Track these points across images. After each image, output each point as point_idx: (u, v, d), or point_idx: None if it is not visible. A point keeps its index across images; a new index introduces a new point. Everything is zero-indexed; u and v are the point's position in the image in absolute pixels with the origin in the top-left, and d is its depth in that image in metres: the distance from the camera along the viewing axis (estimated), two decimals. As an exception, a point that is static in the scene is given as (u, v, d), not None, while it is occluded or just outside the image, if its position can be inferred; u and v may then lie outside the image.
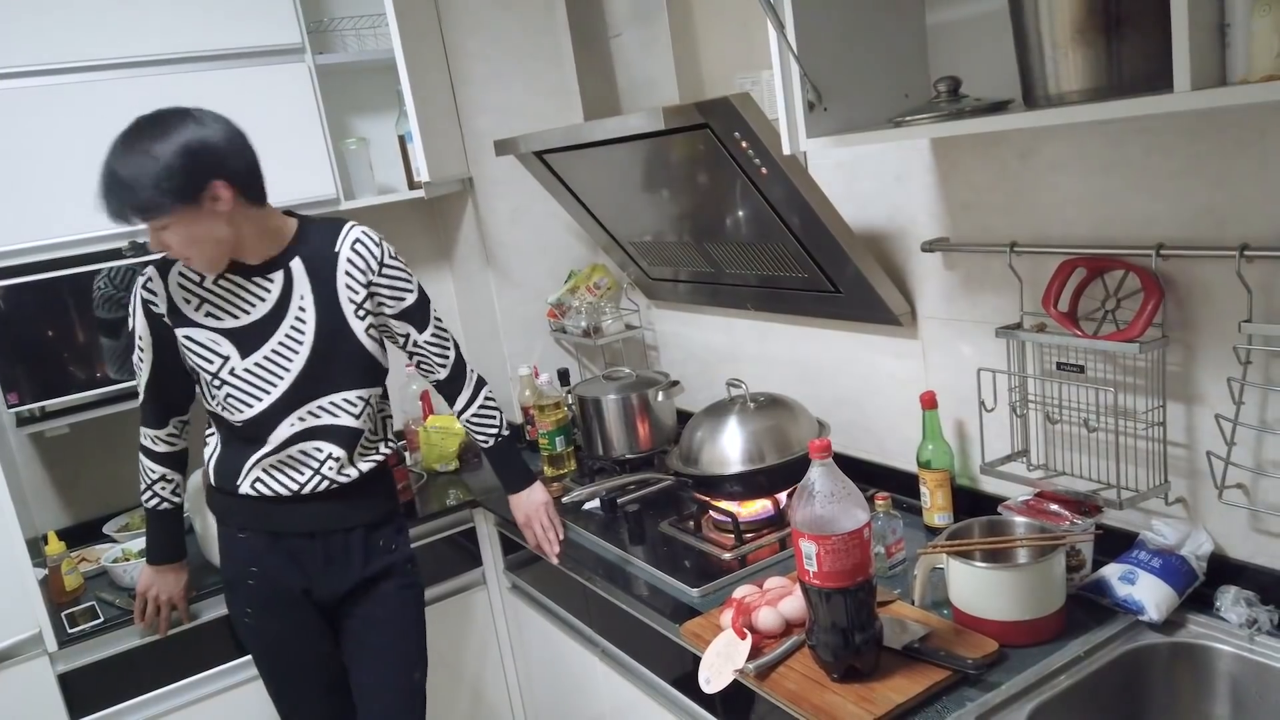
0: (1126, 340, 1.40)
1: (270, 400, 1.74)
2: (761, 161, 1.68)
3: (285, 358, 1.74)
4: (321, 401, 1.77)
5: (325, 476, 1.80)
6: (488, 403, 1.98)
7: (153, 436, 1.88)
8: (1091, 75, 1.19)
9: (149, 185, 1.52)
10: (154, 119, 1.58)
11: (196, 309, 1.73)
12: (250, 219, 1.67)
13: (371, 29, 2.59)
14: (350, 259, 1.76)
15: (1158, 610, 1.38)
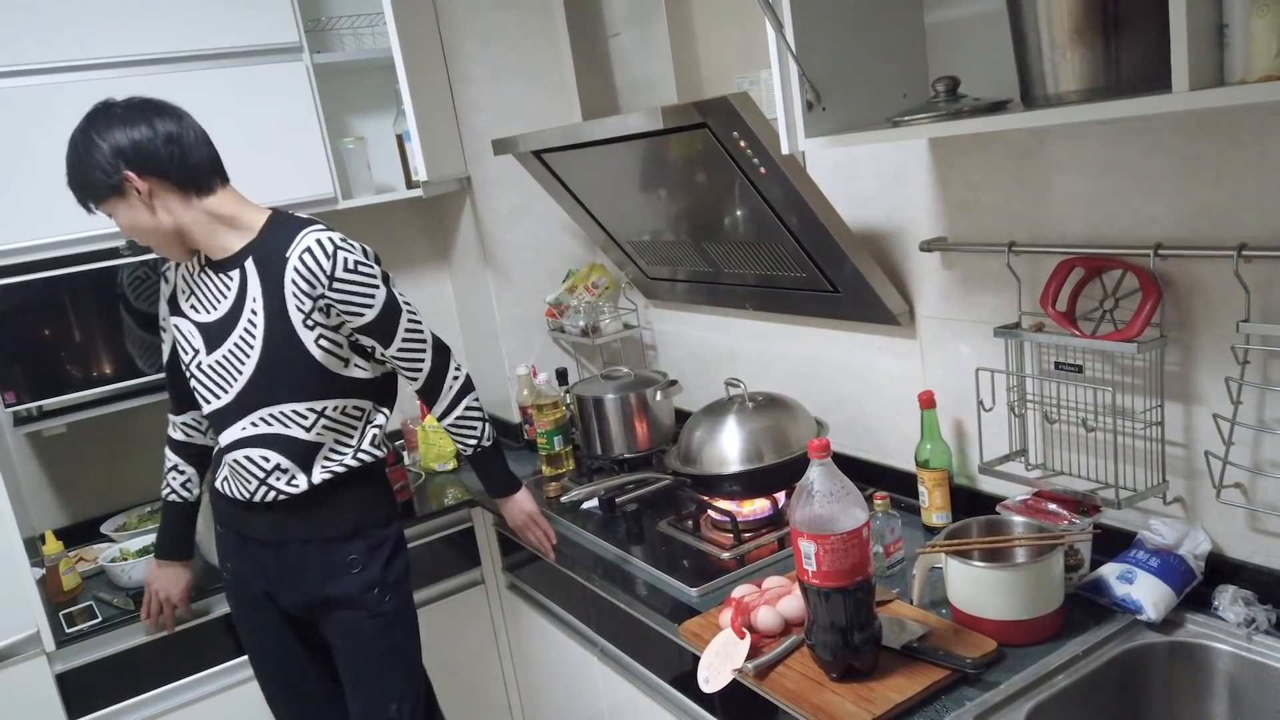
0: (1125, 340, 1.41)
1: (225, 401, 1.73)
2: (760, 161, 1.68)
3: (239, 360, 1.70)
4: (272, 410, 1.70)
5: (271, 487, 1.73)
6: (468, 413, 1.88)
7: (172, 423, 1.92)
8: (1090, 75, 1.19)
9: (77, 176, 1.64)
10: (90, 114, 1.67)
11: (187, 299, 1.76)
12: (190, 209, 1.65)
13: (369, 28, 2.58)
14: (297, 267, 1.64)
15: (1156, 609, 1.39)
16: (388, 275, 1.74)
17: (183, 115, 1.68)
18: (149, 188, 1.61)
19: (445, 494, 2.46)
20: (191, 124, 1.68)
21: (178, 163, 1.63)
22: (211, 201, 1.67)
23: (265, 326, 1.67)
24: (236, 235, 1.70)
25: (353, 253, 1.67)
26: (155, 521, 2.37)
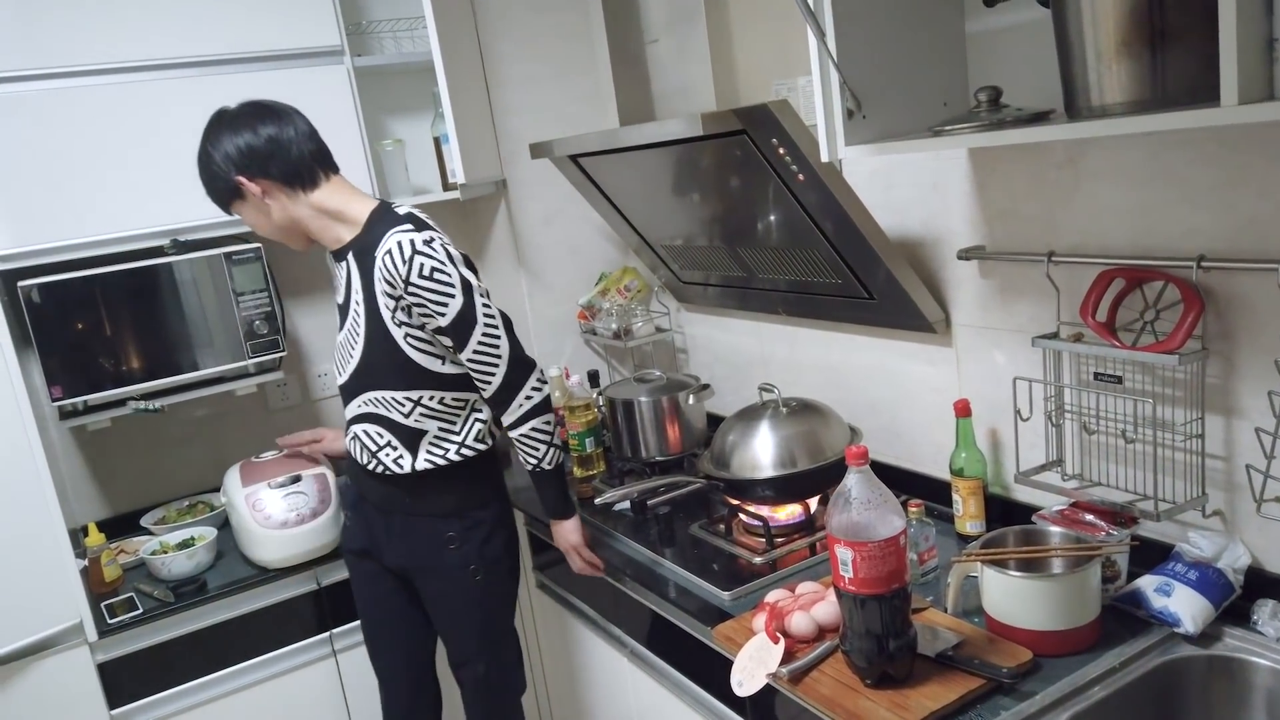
0: (1166, 352, 1.40)
1: (344, 378, 1.90)
2: (798, 168, 1.69)
3: (352, 344, 1.85)
4: (377, 394, 1.84)
5: (381, 461, 1.87)
6: (534, 434, 1.86)
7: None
8: (1135, 87, 1.19)
9: (204, 185, 1.83)
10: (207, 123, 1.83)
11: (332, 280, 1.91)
12: (298, 203, 1.80)
13: (409, 31, 2.61)
14: (383, 265, 1.73)
15: (1194, 623, 1.38)
16: (469, 284, 1.76)
17: (285, 114, 1.82)
18: (262, 188, 1.77)
19: (477, 493, 2.48)
20: (294, 122, 1.81)
21: (280, 161, 1.76)
22: (317, 195, 1.81)
23: (366, 319, 1.80)
24: (346, 228, 1.83)
25: (432, 257, 1.72)
26: (193, 515, 2.42)
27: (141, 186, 2.16)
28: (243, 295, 2.24)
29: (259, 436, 2.59)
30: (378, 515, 1.94)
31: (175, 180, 2.17)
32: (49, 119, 2.07)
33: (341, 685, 2.26)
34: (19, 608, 1.90)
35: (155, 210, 2.17)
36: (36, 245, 2.07)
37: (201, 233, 2.23)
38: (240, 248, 2.24)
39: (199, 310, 2.21)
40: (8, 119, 2.03)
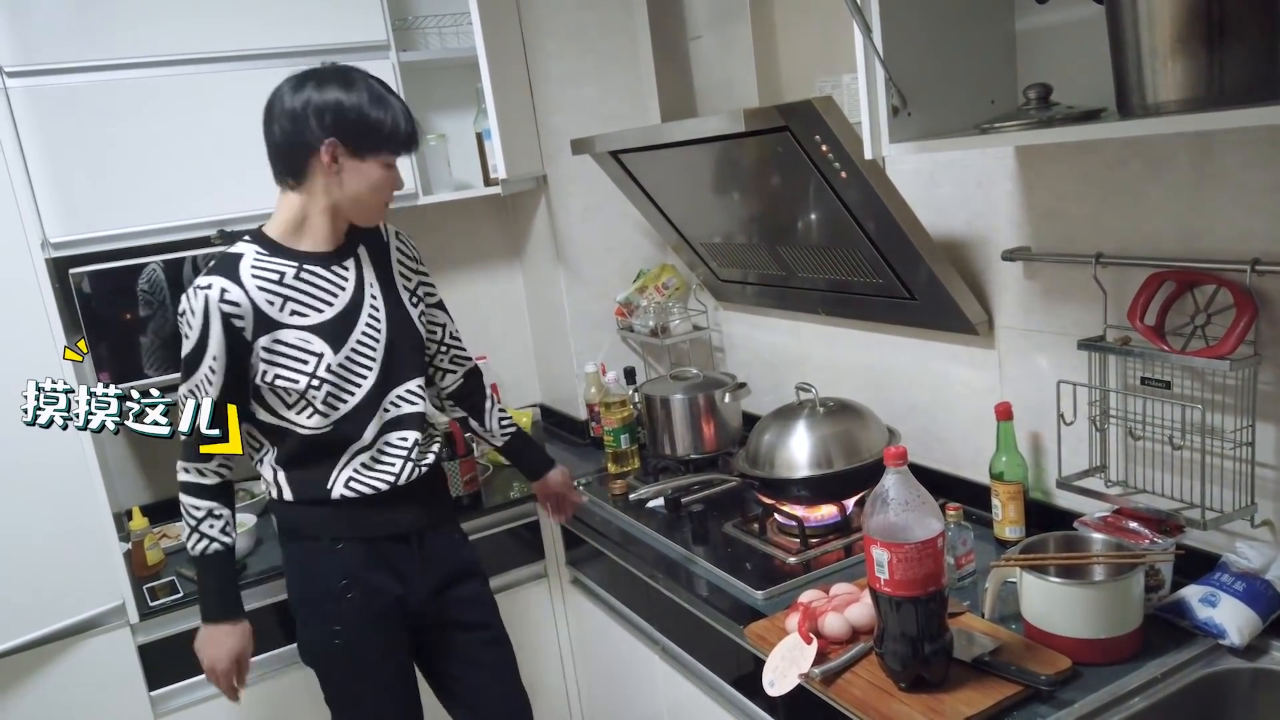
0: (1216, 357, 1.37)
1: (362, 394, 1.68)
2: (841, 165, 1.67)
3: (370, 348, 1.69)
4: (399, 390, 1.73)
5: (416, 463, 1.74)
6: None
7: (199, 469, 1.68)
8: (1191, 85, 1.16)
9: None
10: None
11: (281, 309, 1.61)
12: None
13: (454, 27, 2.63)
14: (399, 248, 1.79)
15: (1240, 635, 1.35)
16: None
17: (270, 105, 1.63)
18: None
19: (511, 487, 2.49)
20: None
21: None
22: None
23: (386, 309, 1.72)
24: None
25: None
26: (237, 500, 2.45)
27: (189, 177, 2.20)
28: (286, 286, 2.27)
29: (299, 426, 2.63)
30: (400, 547, 1.76)
31: (222, 171, 2.22)
32: (100, 111, 2.11)
33: (375, 674, 2.28)
34: (64, 589, 1.94)
35: (202, 201, 2.21)
36: (87, 234, 2.11)
37: (247, 224, 2.26)
38: (284, 239, 2.27)
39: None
40: (60, 111, 2.07)
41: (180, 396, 1.64)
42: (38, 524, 1.90)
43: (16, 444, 1.86)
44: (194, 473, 1.68)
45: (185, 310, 1.59)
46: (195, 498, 1.68)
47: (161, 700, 2.07)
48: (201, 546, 1.69)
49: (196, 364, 1.60)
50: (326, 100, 1.53)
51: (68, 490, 1.93)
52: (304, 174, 1.59)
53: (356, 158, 1.57)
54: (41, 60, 2.04)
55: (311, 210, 1.63)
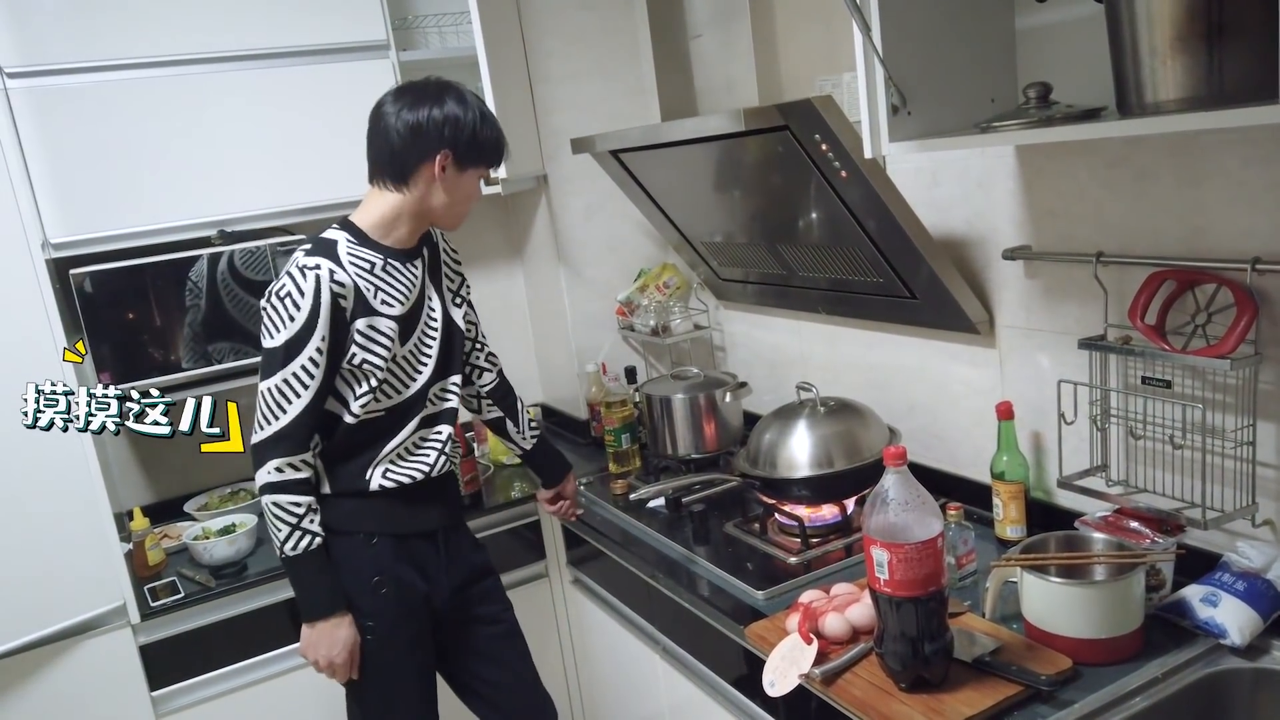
0: (1217, 356, 1.37)
1: (417, 386, 1.74)
2: (841, 164, 1.67)
3: (427, 344, 1.75)
4: (445, 384, 1.79)
5: (449, 458, 1.81)
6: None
7: (297, 461, 1.64)
8: (1191, 84, 1.16)
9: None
10: None
11: (374, 296, 1.65)
12: None
13: (454, 26, 2.63)
14: (446, 249, 1.85)
15: (1240, 634, 1.34)
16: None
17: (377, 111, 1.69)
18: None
19: (512, 487, 2.50)
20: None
21: None
22: None
23: (440, 307, 1.79)
24: None
25: None
26: (235, 502, 2.46)
27: (189, 178, 2.20)
28: (286, 286, 2.27)
29: (300, 426, 2.63)
30: (428, 544, 1.79)
31: (222, 172, 2.22)
32: (100, 111, 2.11)
33: (376, 674, 2.28)
34: (66, 589, 1.94)
35: (203, 201, 2.21)
36: (87, 235, 2.11)
37: (248, 224, 2.27)
38: (286, 239, 2.28)
39: (244, 300, 2.25)
40: (60, 111, 2.07)
41: (272, 387, 1.60)
42: (39, 525, 1.90)
43: (18, 445, 1.87)
44: (289, 469, 1.63)
45: (289, 292, 1.59)
46: (294, 494, 1.64)
47: (162, 701, 2.07)
48: (305, 543, 1.65)
49: (300, 347, 1.59)
50: (446, 115, 1.63)
51: (69, 491, 1.93)
52: (410, 179, 1.66)
53: (459, 169, 1.67)
54: (42, 61, 2.04)
55: (405, 212, 1.69)
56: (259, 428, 1.63)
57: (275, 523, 1.64)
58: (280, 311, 1.60)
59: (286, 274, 1.61)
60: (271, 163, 2.27)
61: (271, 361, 1.61)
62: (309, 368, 1.60)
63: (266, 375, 1.61)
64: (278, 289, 1.61)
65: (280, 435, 1.62)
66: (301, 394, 1.61)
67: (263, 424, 1.62)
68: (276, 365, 1.60)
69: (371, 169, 1.70)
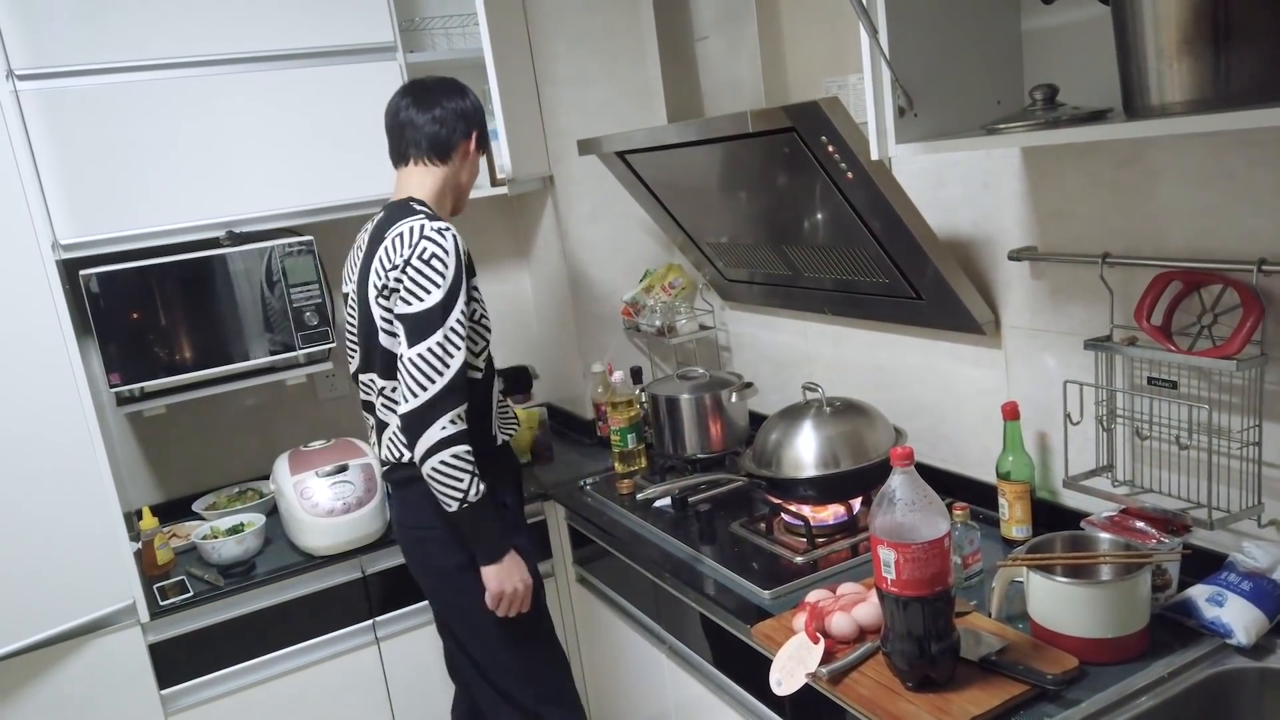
0: (1223, 357, 1.37)
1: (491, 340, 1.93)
2: (847, 166, 1.68)
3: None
4: None
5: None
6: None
7: (462, 412, 1.74)
8: (1198, 85, 1.16)
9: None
10: None
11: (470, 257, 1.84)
12: None
13: (460, 28, 2.64)
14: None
15: (1247, 634, 1.35)
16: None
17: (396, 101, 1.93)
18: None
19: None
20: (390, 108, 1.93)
21: None
22: None
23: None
24: None
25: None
26: (243, 502, 2.47)
27: (198, 179, 2.21)
28: (294, 287, 2.29)
29: (308, 425, 2.64)
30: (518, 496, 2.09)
31: (231, 173, 2.23)
32: (109, 113, 2.12)
33: (384, 673, 2.29)
34: (75, 588, 1.95)
35: (211, 202, 2.22)
36: (96, 236, 2.12)
37: (255, 225, 2.28)
38: (293, 240, 2.29)
39: (252, 301, 2.26)
40: (69, 113, 2.08)
41: (432, 345, 1.70)
42: (49, 524, 1.92)
43: (28, 444, 1.88)
44: (460, 420, 1.73)
45: (433, 253, 1.72)
46: (466, 444, 1.73)
47: (172, 699, 2.08)
48: (484, 487, 1.76)
49: (454, 302, 1.72)
50: (473, 104, 1.93)
51: (79, 490, 1.94)
52: (451, 154, 1.90)
53: (479, 150, 1.95)
54: (52, 63, 2.05)
55: (447, 186, 1.92)
56: (415, 393, 1.70)
57: (456, 475, 1.72)
58: (429, 273, 1.72)
59: (424, 238, 1.73)
60: (279, 164, 2.28)
61: (428, 322, 1.71)
62: (462, 320, 1.74)
63: (421, 338, 1.70)
64: (419, 252, 1.72)
65: (448, 389, 1.71)
66: (460, 346, 1.73)
67: (423, 385, 1.70)
68: (435, 324, 1.71)
69: (413, 150, 1.88)
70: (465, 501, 1.74)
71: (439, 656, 2.23)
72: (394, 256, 1.75)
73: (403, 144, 1.90)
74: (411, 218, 1.78)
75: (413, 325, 1.71)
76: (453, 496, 1.74)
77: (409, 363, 1.71)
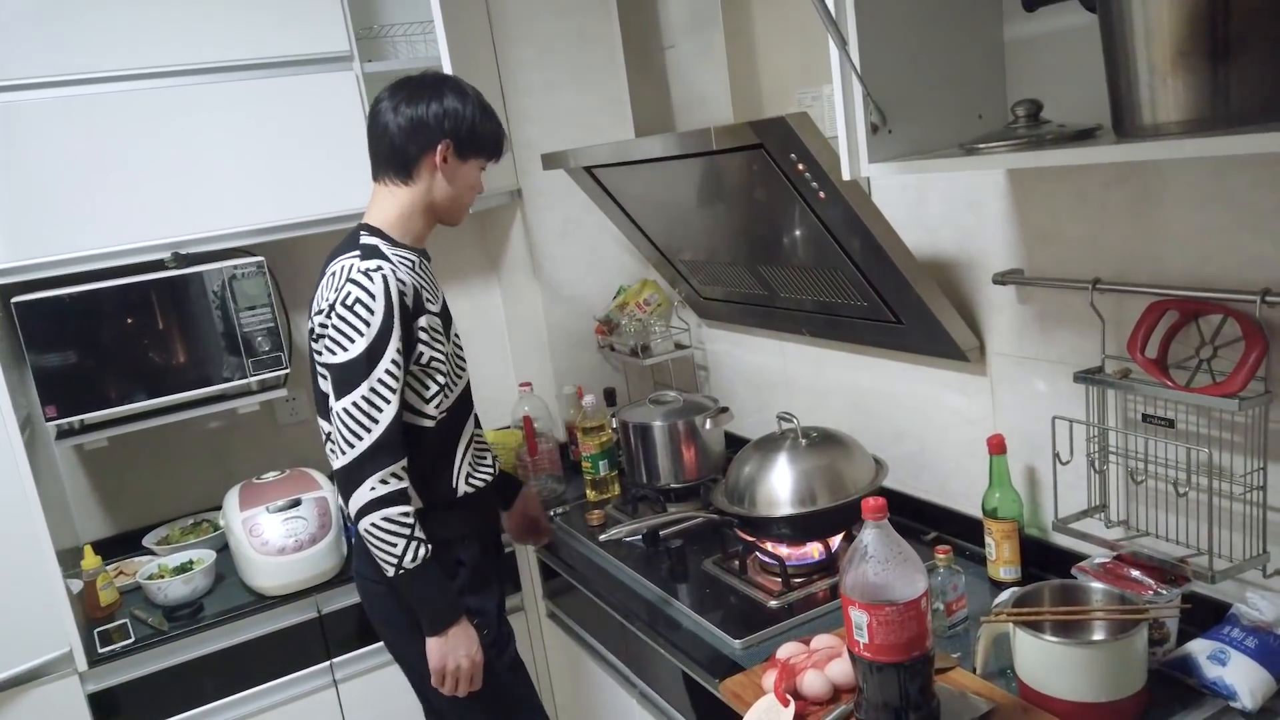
0: (1225, 395, 1.26)
1: (464, 380, 1.77)
2: (819, 185, 1.57)
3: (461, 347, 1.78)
4: None
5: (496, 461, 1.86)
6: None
7: (398, 470, 1.57)
8: (1194, 104, 1.05)
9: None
10: None
11: (419, 293, 1.64)
12: None
13: (421, 35, 2.52)
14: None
15: (1252, 697, 1.24)
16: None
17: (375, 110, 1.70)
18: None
19: (487, 516, 2.39)
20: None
21: None
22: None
23: None
24: None
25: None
26: (197, 534, 2.35)
27: (141, 198, 2.08)
28: (245, 310, 2.17)
29: (267, 452, 2.53)
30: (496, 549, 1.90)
31: (179, 191, 2.11)
32: (46, 129, 2.00)
33: (342, 715, 2.17)
34: (5, 635, 1.84)
35: (155, 223, 2.10)
36: (32, 260, 2.00)
37: (205, 245, 2.16)
38: (242, 261, 2.17)
39: (199, 326, 2.14)
40: (5, 129, 1.96)
41: (358, 399, 1.55)
42: (-25, 569, 1.80)
43: (-50, 487, 1.76)
44: (392, 479, 1.57)
45: (357, 299, 1.56)
46: (401, 505, 1.57)
47: (113, 751, 1.97)
48: (423, 552, 1.59)
49: (382, 351, 1.56)
50: (446, 108, 1.65)
51: (7, 532, 1.82)
52: (414, 172, 1.67)
53: (460, 159, 1.68)
54: (-16, 77, 1.94)
55: (417, 207, 1.69)
56: (345, 449, 1.56)
57: (387, 539, 1.57)
58: (352, 320, 1.56)
59: (349, 281, 1.57)
60: (230, 180, 2.16)
61: (353, 374, 1.55)
62: (393, 370, 1.57)
63: (347, 390, 1.55)
64: (343, 297, 1.56)
65: (377, 446, 1.55)
66: (390, 399, 1.57)
67: (351, 442, 1.55)
68: (360, 376, 1.55)
69: (376, 167, 1.70)
70: (400, 568, 1.57)
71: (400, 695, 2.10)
72: (321, 300, 1.62)
73: (373, 155, 1.69)
74: (347, 255, 1.61)
75: (337, 377, 1.57)
76: (387, 562, 1.58)
77: (337, 417, 1.56)
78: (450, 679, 1.65)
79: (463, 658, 1.64)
